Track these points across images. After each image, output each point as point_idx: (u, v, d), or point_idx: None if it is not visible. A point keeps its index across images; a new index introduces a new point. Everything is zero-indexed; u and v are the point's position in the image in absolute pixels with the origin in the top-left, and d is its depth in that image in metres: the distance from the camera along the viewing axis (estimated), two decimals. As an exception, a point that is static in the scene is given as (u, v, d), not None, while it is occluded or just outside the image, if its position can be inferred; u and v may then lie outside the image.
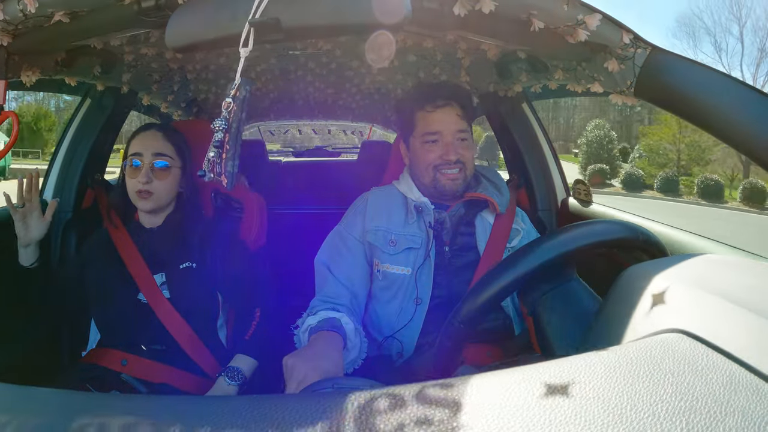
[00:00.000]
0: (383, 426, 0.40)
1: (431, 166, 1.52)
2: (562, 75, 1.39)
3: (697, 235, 1.43)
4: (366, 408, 0.42)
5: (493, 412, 0.40)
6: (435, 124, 1.52)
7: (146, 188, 1.55)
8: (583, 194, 2.01)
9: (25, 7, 1.01)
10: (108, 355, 1.52)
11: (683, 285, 0.59)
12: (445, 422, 0.39)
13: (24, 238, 1.57)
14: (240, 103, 0.91)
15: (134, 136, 1.61)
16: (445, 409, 0.41)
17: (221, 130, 0.90)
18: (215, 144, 0.90)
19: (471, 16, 1.01)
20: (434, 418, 0.40)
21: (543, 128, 2.20)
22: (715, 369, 0.43)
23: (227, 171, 0.92)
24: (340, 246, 1.56)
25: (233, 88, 0.91)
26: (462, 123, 1.52)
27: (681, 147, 30.18)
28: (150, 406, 0.45)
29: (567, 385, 0.43)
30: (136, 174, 1.55)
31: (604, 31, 1.03)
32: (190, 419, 0.42)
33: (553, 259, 0.91)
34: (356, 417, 0.41)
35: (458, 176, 1.51)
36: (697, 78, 0.96)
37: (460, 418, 0.40)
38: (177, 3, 0.99)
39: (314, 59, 2.00)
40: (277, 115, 3.82)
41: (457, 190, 1.53)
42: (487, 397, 0.42)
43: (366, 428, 0.40)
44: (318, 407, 0.43)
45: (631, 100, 1.14)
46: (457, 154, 1.50)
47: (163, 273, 1.58)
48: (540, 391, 0.42)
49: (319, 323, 1.26)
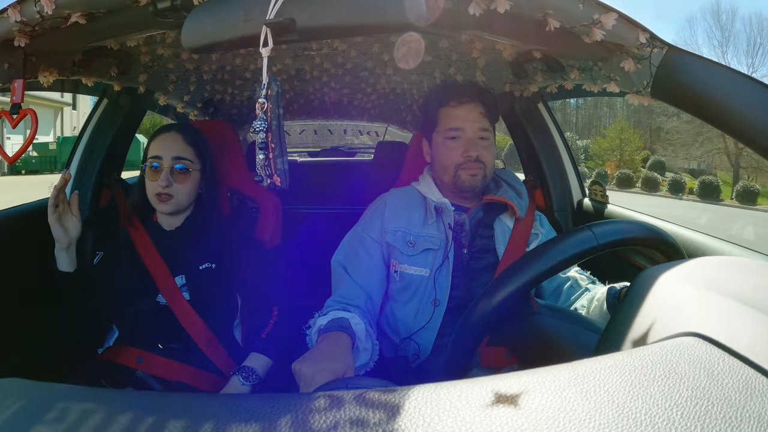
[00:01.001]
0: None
1: (453, 165, 1.52)
2: (578, 75, 1.38)
3: (715, 237, 1.42)
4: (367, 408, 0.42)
5: (512, 413, 0.40)
6: (458, 120, 1.53)
7: (166, 191, 1.55)
8: (599, 195, 2.00)
9: (42, 9, 1.03)
10: (124, 352, 1.54)
11: (700, 288, 0.58)
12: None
13: (64, 240, 1.54)
14: (274, 100, 0.91)
15: (154, 138, 1.62)
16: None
17: (262, 130, 0.90)
18: (260, 146, 0.91)
19: (486, 15, 1.00)
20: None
21: (559, 128, 2.18)
22: (731, 373, 0.43)
23: (278, 169, 0.92)
24: (357, 246, 1.56)
25: (263, 88, 0.91)
26: (484, 121, 1.53)
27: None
28: (160, 403, 0.46)
29: (581, 387, 0.42)
30: (156, 177, 1.56)
31: (620, 31, 1.02)
32: (194, 416, 0.42)
33: (574, 256, 0.91)
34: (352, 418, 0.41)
35: (478, 173, 1.51)
36: (715, 78, 0.95)
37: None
38: (192, 4, 1.00)
39: (329, 59, 2.00)
40: (293, 116, 3.83)
41: (476, 186, 1.53)
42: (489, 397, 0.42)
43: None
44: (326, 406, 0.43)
45: (647, 101, 1.13)
46: (477, 151, 1.50)
47: (184, 275, 1.59)
48: (555, 392, 0.42)
49: (328, 324, 1.26)
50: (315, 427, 0.40)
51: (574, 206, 2.10)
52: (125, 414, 0.43)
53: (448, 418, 0.40)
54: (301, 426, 0.40)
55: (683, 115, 30.36)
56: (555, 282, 1.52)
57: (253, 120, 0.93)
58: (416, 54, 1.60)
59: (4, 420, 0.43)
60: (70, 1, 1.03)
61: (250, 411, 0.43)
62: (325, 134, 5.31)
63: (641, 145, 38.94)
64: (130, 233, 1.64)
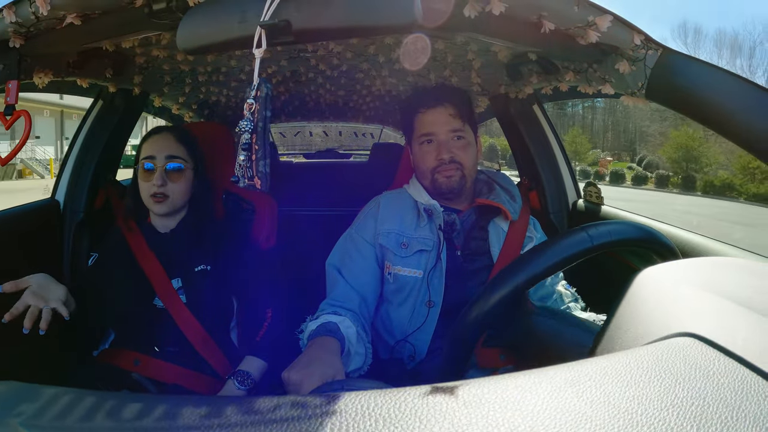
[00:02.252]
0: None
1: (429, 170, 1.53)
2: (572, 76, 1.39)
3: (710, 238, 1.42)
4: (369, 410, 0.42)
5: (508, 415, 0.40)
6: (428, 125, 1.53)
7: (161, 191, 1.55)
8: (594, 197, 2.00)
9: (37, 10, 1.02)
10: (121, 354, 1.53)
11: (695, 288, 0.58)
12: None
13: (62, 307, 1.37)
14: (263, 102, 0.91)
15: (146, 139, 1.61)
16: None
17: (247, 131, 0.90)
18: (243, 147, 0.90)
19: (481, 17, 1.00)
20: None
21: (554, 130, 2.19)
22: (726, 374, 0.43)
23: (259, 172, 0.92)
24: (351, 249, 1.56)
25: (253, 89, 0.91)
26: (455, 122, 1.52)
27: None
28: (155, 405, 0.46)
29: (577, 388, 0.42)
30: (150, 177, 1.55)
31: (615, 33, 1.02)
32: (189, 417, 0.42)
33: (569, 257, 0.91)
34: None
35: (454, 174, 1.51)
36: (710, 79, 0.95)
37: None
38: (188, 5, 0.99)
39: (325, 61, 2.00)
40: (288, 117, 3.82)
41: (453, 188, 1.53)
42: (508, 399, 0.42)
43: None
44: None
45: (642, 102, 1.14)
46: (450, 153, 1.50)
47: (180, 278, 1.58)
48: (551, 394, 0.42)
49: (317, 329, 1.26)
50: (310, 428, 0.40)
51: (570, 208, 2.10)
52: (122, 416, 0.43)
53: (444, 419, 0.40)
54: (295, 427, 0.40)
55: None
56: (541, 292, 1.53)
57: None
58: (423, 53, 1.59)
59: (7, 422, 0.43)
60: (65, 2, 1.03)
61: (244, 412, 0.43)
62: (320, 136, 5.31)
63: (590, 146, 52.45)
64: (125, 235, 1.63)
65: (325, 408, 0.42)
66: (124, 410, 0.44)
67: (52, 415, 0.44)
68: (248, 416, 0.43)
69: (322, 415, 0.41)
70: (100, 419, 0.43)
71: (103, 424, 0.43)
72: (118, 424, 0.43)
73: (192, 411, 0.44)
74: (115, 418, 0.43)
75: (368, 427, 0.40)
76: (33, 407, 0.45)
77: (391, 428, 0.39)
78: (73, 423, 0.43)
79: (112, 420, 0.43)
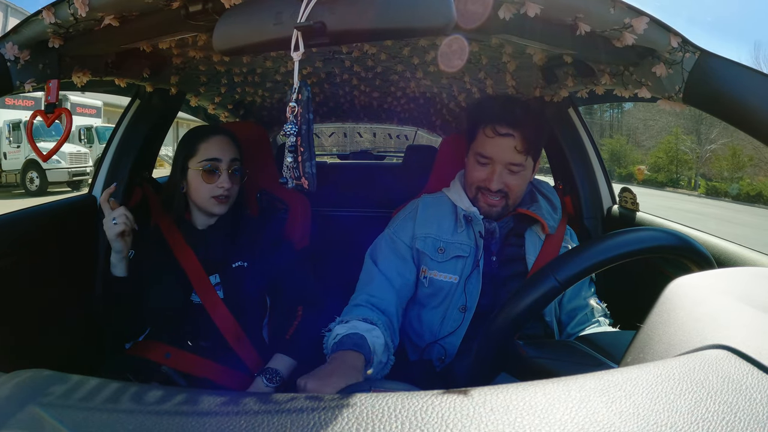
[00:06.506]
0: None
1: (475, 185, 1.52)
2: (609, 80, 1.36)
3: (746, 247, 1.38)
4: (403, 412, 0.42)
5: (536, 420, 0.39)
6: (489, 148, 1.48)
7: (227, 193, 1.59)
8: (629, 202, 1.96)
9: (76, 11, 1.05)
10: (152, 347, 1.56)
11: (731, 299, 0.57)
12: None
13: (125, 250, 1.53)
14: (305, 105, 0.92)
15: (203, 139, 1.61)
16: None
17: (293, 134, 0.91)
18: (290, 149, 0.92)
19: (516, 19, 1.00)
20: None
21: (590, 134, 2.15)
22: (760, 389, 0.42)
23: (306, 173, 0.93)
24: (389, 247, 1.57)
25: (294, 92, 0.92)
26: (518, 157, 1.46)
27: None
28: (176, 392, 0.47)
29: (606, 398, 0.42)
30: (212, 179, 1.58)
31: (651, 35, 1.01)
32: (216, 412, 0.43)
33: (600, 262, 0.89)
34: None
35: (497, 204, 1.50)
36: (749, 83, 0.93)
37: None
38: (224, 7, 1.01)
39: (359, 63, 2.01)
40: (323, 118, 3.84)
41: (492, 216, 1.52)
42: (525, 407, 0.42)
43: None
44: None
45: (679, 106, 1.11)
46: (500, 183, 1.48)
47: (217, 273, 1.61)
48: (579, 402, 0.41)
49: (343, 339, 1.24)
50: (336, 427, 0.40)
51: (604, 213, 2.07)
52: (145, 400, 0.45)
53: (471, 425, 0.39)
54: (323, 425, 0.40)
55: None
56: (573, 304, 1.51)
57: (283, 122, 0.94)
58: (460, 55, 1.57)
59: (31, 408, 0.44)
60: (103, 4, 1.05)
61: (269, 409, 0.43)
62: (355, 137, 5.33)
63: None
64: (162, 232, 1.66)
65: (350, 408, 0.43)
66: (148, 395, 0.46)
67: (78, 398, 0.46)
68: (267, 405, 0.44)
69: (346, 414, 0.42)
70: (124, 402, 0.45)
71: (127, 406, 0.44)
72: (142, 407, 0.44)
73: (212, 399, 0.45)
74: (138, 402, 0.45)
75: (394, 429, 0.40)
76: (60, 389, 0.47)
77: (417, 431, 0.39)
78: (97, 405, 0.45)
79: (136, 403, 0.45)
